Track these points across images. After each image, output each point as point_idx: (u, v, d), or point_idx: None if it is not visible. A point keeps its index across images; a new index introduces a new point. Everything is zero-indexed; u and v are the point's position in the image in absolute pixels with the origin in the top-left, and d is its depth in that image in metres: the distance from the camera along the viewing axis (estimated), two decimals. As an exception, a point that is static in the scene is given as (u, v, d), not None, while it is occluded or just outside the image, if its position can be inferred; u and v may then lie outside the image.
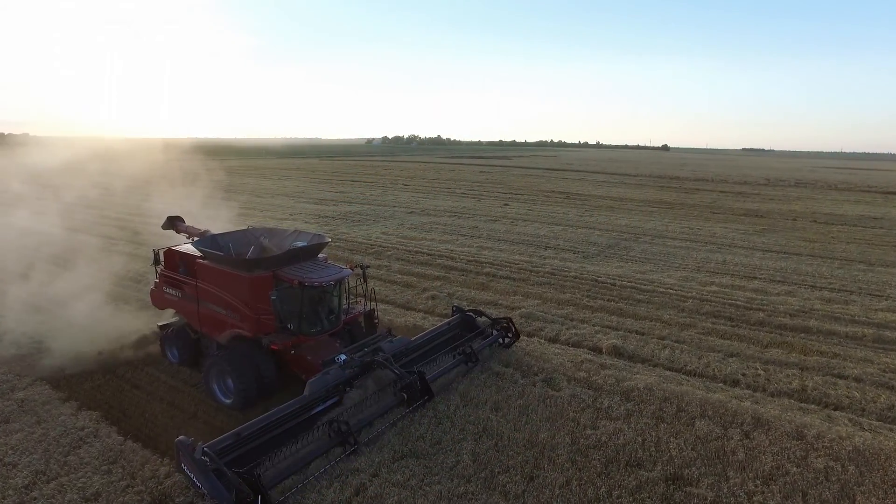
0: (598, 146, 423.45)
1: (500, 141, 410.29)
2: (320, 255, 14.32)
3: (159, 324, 15.91)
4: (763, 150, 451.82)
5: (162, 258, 15.38)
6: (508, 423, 11.59)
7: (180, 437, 9.34)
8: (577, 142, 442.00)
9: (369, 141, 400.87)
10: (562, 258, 28.10)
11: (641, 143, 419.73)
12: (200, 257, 13.96)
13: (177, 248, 15.30)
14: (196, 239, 15.66)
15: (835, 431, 11.62)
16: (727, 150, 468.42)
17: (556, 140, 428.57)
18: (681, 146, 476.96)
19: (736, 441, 11.23)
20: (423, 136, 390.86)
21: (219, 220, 36.76)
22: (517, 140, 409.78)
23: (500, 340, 15.63)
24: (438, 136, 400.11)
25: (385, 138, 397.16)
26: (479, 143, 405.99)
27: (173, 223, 17.96)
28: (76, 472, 10.10)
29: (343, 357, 12.13)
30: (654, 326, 18.48)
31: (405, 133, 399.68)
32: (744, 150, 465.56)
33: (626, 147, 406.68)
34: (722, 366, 15.39)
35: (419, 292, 21.96)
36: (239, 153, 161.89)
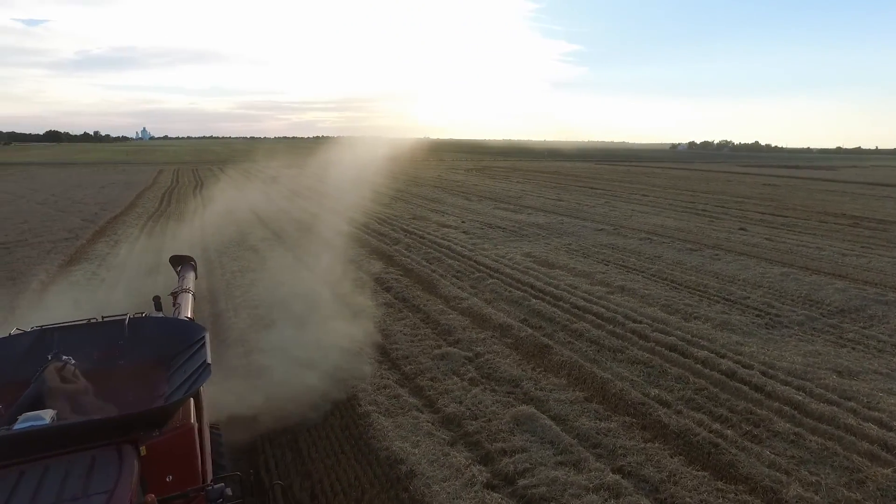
0: None
1: (838, 148, 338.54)
2: None
3: None
4: None
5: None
6: None
7: None
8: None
9: (674, 146, 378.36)
10: (722, 321, 17.95)
11: None
12: None
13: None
14: None
15: None
16: None
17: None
18: None
19: None
20: (737, 142, 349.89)
21: (384, 223, 34.92)
22: (862, 146, 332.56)
23: None
24: (756, 142, 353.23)
25: (692, 143, 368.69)
26: (808, 150, 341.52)
27: (179, 266, 12.99)
28: None
29: None
30: (737, 507, 9.15)
31: (716, 139, 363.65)
32: None
33: None
34: None
35: (441, 344, 15.81)
36: (526, 154, 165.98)
